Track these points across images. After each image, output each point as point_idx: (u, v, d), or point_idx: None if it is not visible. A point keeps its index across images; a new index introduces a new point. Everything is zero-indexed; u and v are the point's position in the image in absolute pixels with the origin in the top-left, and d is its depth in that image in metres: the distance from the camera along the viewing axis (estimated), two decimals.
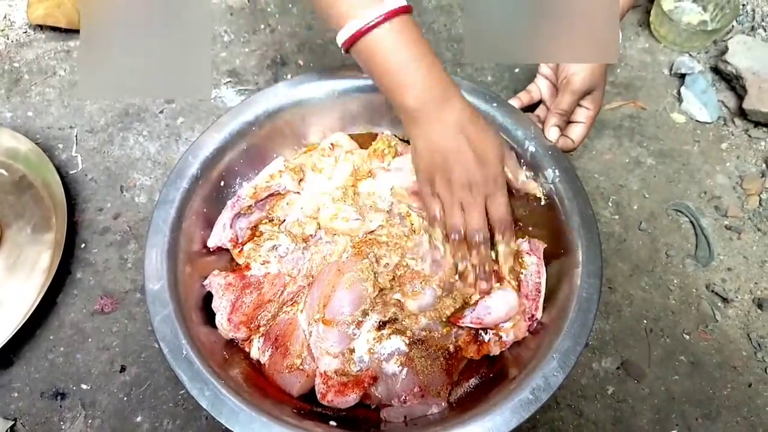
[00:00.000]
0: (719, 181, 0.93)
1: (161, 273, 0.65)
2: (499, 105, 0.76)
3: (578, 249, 0.67)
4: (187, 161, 0.72)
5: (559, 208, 0.71)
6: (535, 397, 0.58)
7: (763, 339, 0.81)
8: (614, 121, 0.99)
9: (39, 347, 0.80)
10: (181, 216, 0.70)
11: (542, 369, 0.60)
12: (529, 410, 0.58)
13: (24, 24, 1.08)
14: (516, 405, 0.58)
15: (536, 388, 0.59)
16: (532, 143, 0.74)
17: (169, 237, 0.68)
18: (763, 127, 0.96)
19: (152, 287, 0.64)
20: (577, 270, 0.66)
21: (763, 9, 1.06)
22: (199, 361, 0.60)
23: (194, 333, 0.64)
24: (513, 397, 0.59)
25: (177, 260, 0.68)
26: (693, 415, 0.76)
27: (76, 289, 0.84)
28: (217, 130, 0.74)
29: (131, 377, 0.78)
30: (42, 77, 1.02)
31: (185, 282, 0.68)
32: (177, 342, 0.61)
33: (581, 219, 0.69)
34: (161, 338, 0.61)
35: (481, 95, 0.77)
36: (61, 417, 0.76)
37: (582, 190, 0.71)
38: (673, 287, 0.85)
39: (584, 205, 0.70)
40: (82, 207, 0.90)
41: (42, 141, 0.95)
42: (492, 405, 0.59)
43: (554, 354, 0.61)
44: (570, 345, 0.61)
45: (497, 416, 0.57)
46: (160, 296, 0.64)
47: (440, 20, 1.10)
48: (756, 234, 0.88)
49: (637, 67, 1.04)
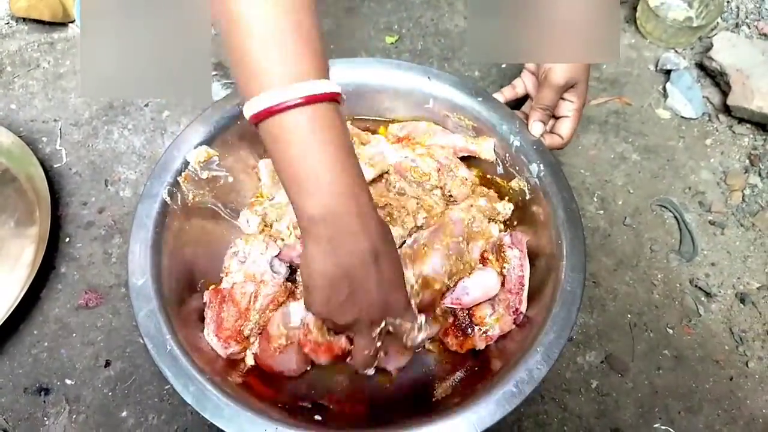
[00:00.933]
0: (703, 177, 0.94)
1: (145, 268, 0.65)
2: (484, 99, 0.76)
3: (562, 243, 0.68)
4: (172, 155, 0.71)
5: (544, 203, 0.71)
6: (519, 390, 0.59)
7: (745, 333, 0.82)
8: (600, 116, 0.99)
9: (22, 342, 0.79)
10: (165, 210, 0.69)
11: (526, 362, 0.60)
12: (512, 403, 0.58)
13: (6, 15, 1.06)
14: (500, 398, 0.58)
15: (520, 381, 0.59)
16: (516, 138, 0.74)
17: (153, 232, 0.67)
18: (747, 124, 0.97)
19: (136, 282, 0.64)
20: (561, 263, 0.66)
21: (747, 6, 1.07)
22: (183, 357, 0.60)
23: (180, 330, 0.63)
24: (497, 390, 0.59)
25: (161, 255, 0.67)
26: (676, 409, 0.77)
27: (60, 283, 0.83)
28: (202, 123, 0.74)
29: (116, 372, 0.78)
30: (25, 69, 1.01)
31: (169, 277, 0.67)
32: (161, 338, 0.61)
33: (566, 213, 0.69)
34: (145, 334, 0.61)
35: (466, 89, 0.77)
36: (44, 412, 0.75)
37: (566, 184, 0.71)
38: (657, 282, 0.85)
39: (569, 199, 0.70)
40: (66, 201, 0.89)
41: (25, 134, 0.94)
42: (476, 398, 0.59)
43: (538, 347, 0.61)
44: (553, 338, 0.62)
45: (481, 409, 0.58)
46: (143, 292, 0.63)
47: (427, 15, 1.10)
48: (739, 229, 0.89)
49: (622, 63, 1.05)
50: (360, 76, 0.79)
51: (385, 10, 1.11)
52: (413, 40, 1.08)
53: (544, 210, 0.71)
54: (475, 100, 0.76)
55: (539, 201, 0.72)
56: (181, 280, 0.70)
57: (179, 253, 0.70)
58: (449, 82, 0.78)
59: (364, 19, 1.10)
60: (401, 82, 0.79)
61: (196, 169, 0.72)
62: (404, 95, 0.80)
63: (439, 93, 0.78)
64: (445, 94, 0.78)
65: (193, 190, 0.73)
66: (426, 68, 0.79)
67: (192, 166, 0.72)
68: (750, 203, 0.91)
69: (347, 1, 1.11)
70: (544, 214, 0.71)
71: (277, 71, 0.48)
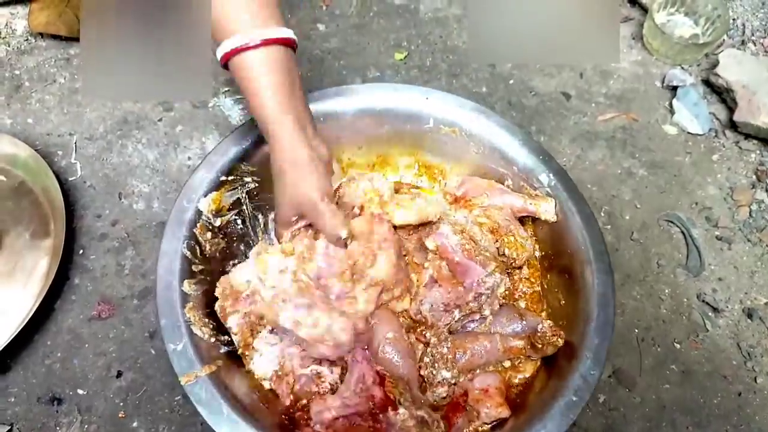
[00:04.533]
0: (710, 192, 0.94)
1: (181, 332, 0.64)
2: (484, 114, 0.79)
3: (583, 248, 0.70)
4: (182, 205, 0.71)
5: (561, 211, 0.73)
6: (579, 398, 0.61)
7: (753, 348, 0.82)
8: (607, 132, 1.00)
9: (36, 352, 0.80)
10: (187, 267, 0.68)
11: (578, 370, 0.62)
12: (575, 411, 0.60)
13: (25, 32, 1.09)
14: (563, 408, 0.61)
15: (578, 389, 0.61)
16: (523, 151, 0.76)
17: (179, 291, 0.66)
18: (753, 139, 0.98)
19: (174, 348, 0.62)
20: (589, 268, 0.68)
21: (753, 24, 1.08)
22: (241, 419, 0.60)
23: (229, 385, 0.63)
24: (558, 401, 0.61)
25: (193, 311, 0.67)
26: (683, 424, 0.77)
27: (73, 294, 0.84)
28: (208, 169, 0.73)
29: (127, 383, 0.79)
30: (42, 84, 1.03)
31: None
32: (216, 403, 0.60)
33: (582, 218, 0.71)
34: (197, 402, 0.60)
35: (465, 106, 0.79)
36: (57, 422, 0.76)
37: (577, 189, 0.74)
38: (665, 297, 0.86)
39: (582, 204, 0.73)
40: (80, 213, 0.91)
41: (41, 148, 0.96)
42: (540, 412, 0.61)
43: (587, 353, 0.63)
44: (599, 341, 0.64)
45: (548, 422, 0.60)
46: (185, 356, 0.62)
47: (435, 32, 1.12)
48: (746, 245, 0.90)
49: (629, 79, 1.06)
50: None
51: (394, 27, 1.13)
52: (422, 57, 1.09)
53: (561, 218, 0.73)
54: (473, 114, 0.79)
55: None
56: (218, 327, 0.69)
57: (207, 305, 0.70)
58: (447, 100, 0.80)
59: (373, 36, 1.11)
60: (401, 104, 0.80)
61: (209, 217, 0.72)
62: (404, 117, 0.81)
63: (437, 113, 0.80)
64: (444, 113, 0.80)
65: (209, 240, 0.73)
66: (424, 89, 0.81)
67: (205, 215, 0.72)
68: (757, 219, 0.91)
69: (357, 18, 1.13)
70: (562, 222, 0.73)
71: (245, 22, 0.59)
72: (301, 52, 1.08)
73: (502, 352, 0.70)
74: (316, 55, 1.08)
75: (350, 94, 0.80)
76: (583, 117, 1.02)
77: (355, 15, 1.14)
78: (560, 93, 1.04)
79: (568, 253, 0.72)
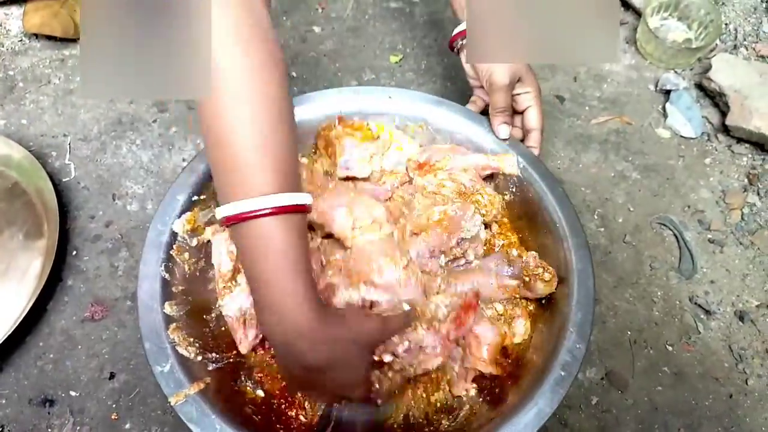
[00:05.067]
0: (703, 196, 0.95)
1: (167, 353, 0.63)
2: (447, 106, 0.80)
3: (559, 225, 0.71)
4: (157, 228, 0.70)
5: (532, 191, 0.75)
6: (567, 373, 0.62)
7: (744, 351, 0.82)
8: (600, 135, 1.01)
9: (28, 354, 0.80)
10: (167, 289, 0.68)
11: (564, 345, 0.63)
12: (564, 386, 0.61)
13: (19, 32, 1.08)
14: (552, 384, 0.61)
15: (565, 365, 0.62)
16: (489, 138, 0.78)
17: (161, 313, 0.66)
18: (746, 143, 0.98)
19: (161, 370, 0.62)
20: (565, 244, 0.69)
21: (745, 28, 1.08)
22: None
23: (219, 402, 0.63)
24: (548, 378, 0.62)
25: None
26: (675, 426, 0.78)
27: (66, 296, 0.84)
28: (180, 189, 0.73)
29: (120, 384, 0.78)
30: (36, 85, 1.03)
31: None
32: (208, 419, 0.59)
33: (554, 197, 0.73)
34: (188, 420, 0.59)
35: (428, 100, 0.81)
36: (49, 424, 0.76)
37: (547, 170, 0.75)
38: (657, 299, 0.86)
39: (553, 183, 0.74)
40: (74, 214, 0.91)
41: (35, 148, 0.95)
42: (530, 390, 0.62)
43: (571, 328, 0.64)
44: (582, 316, 0.65)
45: (539, 400, 0.60)
46: (173, 377, 0.62)
47: (431, 34, 1.12)
48: (738, 248, 0.90)
49: (623, 83, 1.07)
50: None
51: (389, 30, 1.13)
52: (417, 60, 1.10)
53: (533, 199, 0.75)
54: (436, 107, 0.80)
55: (527, 191, 0.76)
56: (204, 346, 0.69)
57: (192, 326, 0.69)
58: (410, 96, 0.81)
59: (369, 39, 1.12)
60: (366, 106, 0.81)
61: (185, 238, 0.72)
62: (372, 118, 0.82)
63: (404, 111, 0.81)
64: (408, 110, 0.81)
65: (187, 261, 0.72)
66: (385, 89, 0.82)
67: (180, 236, 0.71)
68: (749, 222, 0.92)
69: (352, 21, 1.14)
70: (534, 202, 0.74)
71: (256, 182, 0.53)
72: (296, 54, 1.09)
73: (496, 287, 0.71)
74: (312, 57, 1.08)
75: (310, 101, 0.80)
76: (576, 120, 1.02)
77: (350, 18, 1.14)
78: (554, 96, 1.05)
79: (544, 232, 0.74)
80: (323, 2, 1.16)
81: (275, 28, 0.60)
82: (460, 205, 0.73)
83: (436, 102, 0.81)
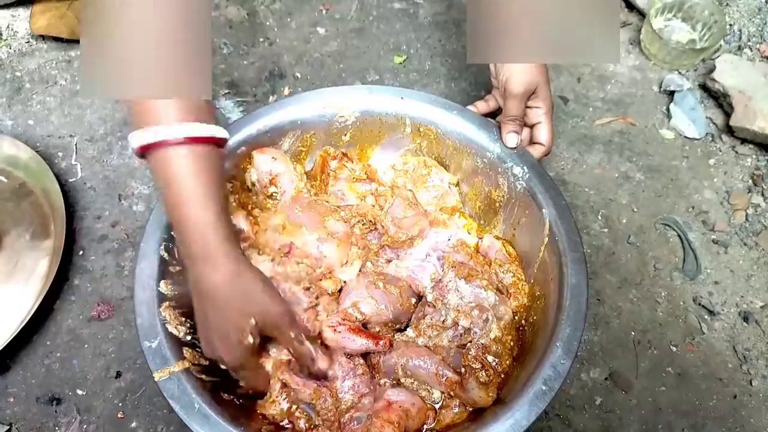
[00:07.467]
0: (707, 196, 0.95)
1: (156, 330, 0.64)
2: (459, 112, 0.79)
3: (558, 239, 0.70)
4: (159, 211, 0.70)
5: (533, 203, 0.74)
6: (549, 387, 0.60)
7: (749, 351, 0.82)
8: (604, 136, 1.01)
9: (36, 353, 0.81)
10: (164, 268, 0.68)
11: (549, 359, 0.62)
12: (544, 401, 0.60)
13: (27, 34, 1.09)
14: (532, 398, 0.60)
15: (548, 379, 0.61)
16: (496, 145, 0.77)
17: (156, 291, 0.66)
18: (750, 144, 0.98)
19: (149, 345, 0.63)
20: (563, 259, 0.68)
21: (749, 29, 1.08)
22: (214, 414, 0.60)
23: (203, 385, 0.63)
24: (528, 390, 0.60)
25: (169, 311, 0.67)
26: (679, 426, 0.78)
27: (73, 295, 0.85)
28: None
29: (126, 383, 0.79)
30: (43, 86, 1.04)
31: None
32: (188, 398, 0.60)
33: (557, 210, 0.71)
34: (170, 396, 0.60)
35: (440, 105, 0.80)
36: (56, 422, 0.77)
37: (552, 182, 0.74)
38: (661, 300, 0.86)
39: (557, 196, 0.73)
40: (80, 215, 0.91)
41: (42, 149, 0.96)
42: (509, 402, 0.61)
43: (557, 342, 0.63)
44: (570, 331, 0.63)
45: (516, 412, 0.59)
46: (160, 353, 0.63)
47: (435, 35, 1.13)
48: (742, 248, 0.90)
49: (627, 84, 1.07)
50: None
51: (393, 31, 1.13)
52: (421, 60, 1.10)
53: (534, 210, 0.74)
54: (449, 113, 0.79)
55: (528, 202, 0.75)
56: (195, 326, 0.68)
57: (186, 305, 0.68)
58: (421, 98, 0.81)
59: (373, 40, 1.12)
60: (377, 105, 0.81)
61: None
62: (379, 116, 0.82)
63: (414, 113, 0.81)
64: (419, 112, 0.81)
65: None
66: (398, 89, 0.82)
67: None
68: (753, 223, 0.92)
69: (357, 22, 1.14)
70: (535, 214, 0.73)
71: (168, 111, 0.55)
72: (300, 55, 1.09)
73: (434, 375, 0.68)
74: (316, 58, 1.09)
75: (323, 96, 0.81)
76: (580, 121, 1.03)
77: (354, 19, 1.15)
78: (558, 97, 1.05)
79: (539, 244, 0.73)
80: (327, 3, 1.16)
81: (280, 29, 0.60)
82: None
83: (448, 106, 0.80)
